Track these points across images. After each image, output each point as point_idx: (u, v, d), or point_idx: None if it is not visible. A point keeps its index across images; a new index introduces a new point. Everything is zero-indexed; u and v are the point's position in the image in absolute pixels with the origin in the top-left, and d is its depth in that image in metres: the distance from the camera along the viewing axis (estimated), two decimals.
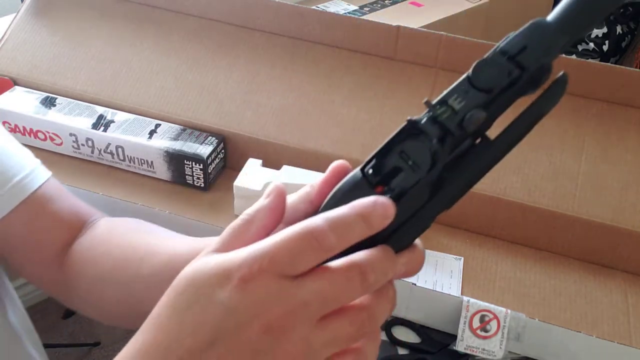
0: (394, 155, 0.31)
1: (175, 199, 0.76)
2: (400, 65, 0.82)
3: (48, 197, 0.54)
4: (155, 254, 0.48)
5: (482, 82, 0.30)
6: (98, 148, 0.79)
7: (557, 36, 0.30)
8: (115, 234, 0.54)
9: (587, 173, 0.74)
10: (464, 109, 0.30)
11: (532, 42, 0.30)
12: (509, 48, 0.30)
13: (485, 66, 0.30)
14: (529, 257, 0.73)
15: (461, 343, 0.64)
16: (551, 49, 0.30)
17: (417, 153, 0.30)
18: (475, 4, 1.20)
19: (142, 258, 0.49)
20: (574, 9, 0.30)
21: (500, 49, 0.30)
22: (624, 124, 0.76)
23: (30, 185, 0.53)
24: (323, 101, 0.81)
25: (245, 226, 0.32)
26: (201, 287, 0.29)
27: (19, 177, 0.52)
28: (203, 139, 0.78)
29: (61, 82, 0.85)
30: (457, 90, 0.30)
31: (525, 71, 0.30)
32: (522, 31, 0.30)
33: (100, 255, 0.52)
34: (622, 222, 0.71)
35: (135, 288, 0.48)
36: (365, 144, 0.77)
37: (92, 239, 0.54)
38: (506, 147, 0.31)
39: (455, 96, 0.30)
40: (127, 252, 0.51)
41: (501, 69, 0.30)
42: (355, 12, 1.17)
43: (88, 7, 0.91)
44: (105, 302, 0.52)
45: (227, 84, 0.83)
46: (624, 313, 0.67)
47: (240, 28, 0.87)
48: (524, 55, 0.30)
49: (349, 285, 0.28)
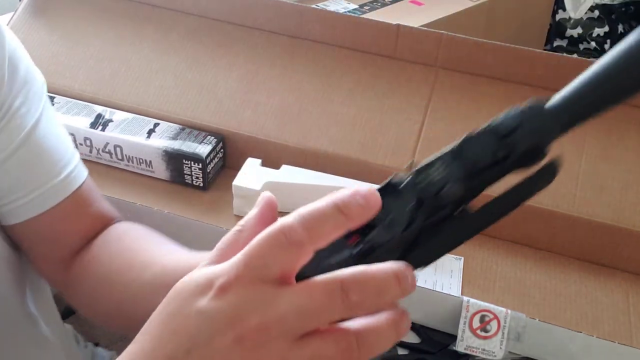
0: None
1: (174, 198, 0.76)
2: (400, 64, 0.82)
3: (84, 198, 0.54)
4: (155, 263, 0.48)
5: (467, 157, 0.29)
6: (96, 147, 0.79)
7: (553, 124, 0.29)
8: (127, 238, 0.54)
9: (588, 172, 0.73)
10: (443, 181, 0.29)
11: (525, 124, 0.29)
12: (501, 127, 0.30)
13: (474, 141, 0.30)
14: (529, 257, 0.73)
15: (461, 343, 0.64)
16: (544, 135, 0.29)
17: (395, 212, 0.30)
18: (476, 3, 1.19)
19: (143, 264, 0.49)
20: (576, 100, 0.29)
21: (493, 126, 0.30)
22: (624, 124, 0.76)
23: (75, 182, 0.53)
24: (323, 100, 0.81)
25: (236, 236, 0.32)
26: (186, 296, 0.29)
27: (62, 176, 0.52)
28: (202, 139, 0.78)
29: (59, 81, 0.85)
30: (442, 159, 0.30)
31: (513, 153, 0.29)
32: (517, 111, 0.30)
33: (109, 255, 0.52)
34: (622, 221, 0.70)
35: (132, 293, 0.49)
36: (365, 143, 0.77)
37: (107, 240, 0.54)
38: (484, 223, 0.31)
39: (438, 165, 0.30)
40: (132, 257, 0.51)
41: (487, 147, 0.29)
42: (355, 11, 1.17)
43: (86, 5, 0.91)
44: (103, 303, 0.52)
45: (226, 83, 0.83)
46: (625, 313, 0.66)
47: (239, 27, 0.87)
48: (514, 137, 0.29)
49: (327, 301, 0.27)
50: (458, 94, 0.79)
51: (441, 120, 0.78)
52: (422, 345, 0.66)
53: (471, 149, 0.29)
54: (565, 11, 1.45)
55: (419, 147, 0.76)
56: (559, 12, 1.50)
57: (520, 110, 0.30)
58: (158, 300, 0.30)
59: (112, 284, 0.51)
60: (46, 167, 0.51)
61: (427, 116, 0.78)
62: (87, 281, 0.53)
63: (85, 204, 0.54)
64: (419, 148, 0.76)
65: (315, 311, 0.27)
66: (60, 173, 0.52)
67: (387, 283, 0.27)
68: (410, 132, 0.77)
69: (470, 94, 0.79)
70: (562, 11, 1.49)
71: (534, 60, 0.78)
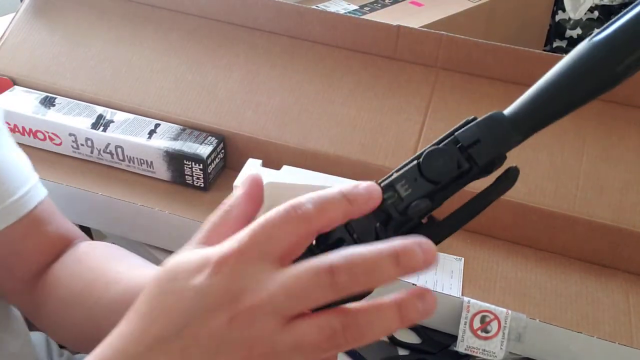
0: (340, 227, 0.30)
1: (175, 199, 0.76)
2: (401, 64, 0.82)
3: (40, 219, 0.54)
4: (119, 281, 0.48)
5: (432, 172, 0.30)
6: (97, 148, 0.79)
7: (511, 134, 0.30)
8: (89, 258, 0.54)
9: (588, 173, 0.73)
10: (410, 198, 0.30)
11: (485, 136, 0.30)
12: (462, 139, 0.30)
13: (437, 155, 0.30)
14: (529, 257, 0.73)
15: (462, 344, 0.64)
16: (504, 146, 0.30)
17: (362, 228, 0.30)
18: (476, 4, 1.19)
19: (107, 283, 0.49)
20: (532, 109, 0.30)
21: (454, 138, 0.30)
22: (624, 124, 0.76)
23: (28, 204, 0.53)
24: (323, 101, 0.81)
25: (224, 217, 0.32)
26: (179, 274, 0.29)
27: (19, 194, 0.52)
28: (203, 139, 0.78)
29: (60, 82, 0.85)
30: (406, 176, 0.30)
31: (476, 165, 0.30)
32: (478, 123, 0.30)
33: (71, 276, 0.52)
34: (623, 222, 0.70)
35: (96, 313, 0.48)
36: (365, 144, 0.77)
37: (67, 261, 0.54)
38: (450, 230, 0.32)
39: (404, 182, 0.30)
40: (96, 277, 0.50)
41: (451, 160, 0.30)
42: (355, 12, 1.17)
43: (87, 6, 0.91)
44: (68, 325, 0.52)
45: (227, 84, 0.83)
46: (625, 313, 0.66)
47: (239, 27, 0.87)
48: (476, 149, 0.30)
49: (315, 283, 0.26)
50: (458, 94, 0.79)
51: (441, 121, 0.78)
52: (422, 345, 0.66)
53: (436, 164, 0.30)
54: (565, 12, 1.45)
55: (419, 148, 0.76)
56: (559, 13, 1.51)
57: (480, 121, 0.30)
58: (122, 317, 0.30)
59: (74, 306, 0.50)
60: (2, 185, 0.51)
61: (427, 117, 0.78)
62: (50, 304, 0.52)
63: (42, 224, 0.54)
64: (419, 148, 0.76)
65: (304, 292, 0.27)
66: (14, 194, 0.52)
67: (378, 262, 0.27)
68: (410, 133, 0.77)
69: (470, 94, 0.79)
70: (561, 12, 1.50)
71: (533, 60, 0.78)
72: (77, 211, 0.76)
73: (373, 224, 0.30)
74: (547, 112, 0.30)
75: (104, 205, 0.75)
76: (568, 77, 0.30)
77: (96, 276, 0.50)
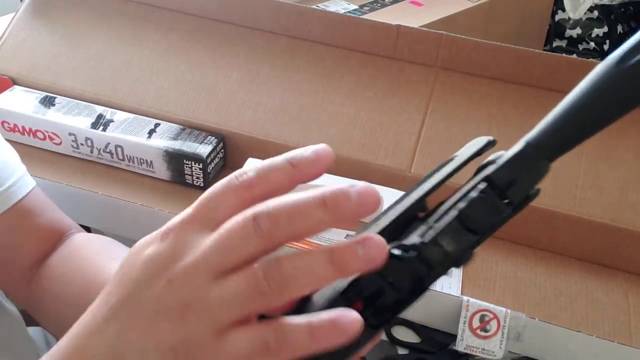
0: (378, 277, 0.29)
1: (175, 198, 0.76)
2: (400, 64, 0.82)
3: (29, 209, 0.54)
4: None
5: (475, 224, 0.29)
6: (97, 147, 0.79)
7: (545, 165, 0.30)
8: (82, 255, 0.53)
9: (588, 173, 0.74)
10: (457, 252, 0.29)
11: (521, 175, 0.29)
12: (498, 182, 0.29)
13: (477, 206, 0.29)
14: (529, 257, 0.73)
15: (461, 343, 0.64)
16: (539, 179, 0.30)
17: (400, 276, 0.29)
18: (476, 3, 1.19)
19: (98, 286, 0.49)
20: (561, 136, 0.29)
21: (490, 182, 0.29)
22: (624, 124, 0.76)
23: (13, 196, 0.52)
24: (323, 101, 0.81)
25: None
26: (138, 247, 0.30)
27: (4, 187, 0.52)
28: (202, 139, 0.78)
29: (60, 82, 0.85)
30: (448, 230, 0.29)
31: (516, 208, 0.30)
32: (510, 161, 0.29)
33: (65, 275, 0.52)
34: (622, 222, 0.70)
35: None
36: (365, 144, 0.77)
37: (61, 257, 0.53)
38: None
39: (447, 238, 0.29)
40: (89, 278, 0.50)
41: (492, 209, 0.29)
42: (355, 12, 1.17)
43: (87, 6, 0.91)
44: (65, 323, 0.52)
45: (226, 84, 0.83)
46: (625, 313, 0.66)
47: (239, 27, 0.87)
48: (513, 190, 0.29)
49: (241, 233, 0.26)
50: (458, 94, 0.79)
51: (441, 121, 0.78)
52: (422, 344, 0.66)
53: (477, 215, 0.29)
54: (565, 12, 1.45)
55: (419, 147, 0.76)
56: (559, 13, 1.51)
57: (515, 159, 0.30)
58: None
59: (70, 305, 0.50)
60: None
61: (427, 116, 0.78)
62: (46, 302, 0.52)
63: (31, 215, 0.54)
64: (419, 148, 0.76)
65: (232, 244, 0.27)
66: (1, 185, 0.52)
67: (302, 206, 0.27)
68: (410, 132, 0.77)
69: (470, 94, 0.79)
70: (561, 12, 1.50)
71: (533, 60, 0.78)
72: (77, 211, 0.76)
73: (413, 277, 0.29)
74: (576, 136, 0.29)
75: (104, 204, 0.75)
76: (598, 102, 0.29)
77: (88, 279, 0.50)
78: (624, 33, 1.52)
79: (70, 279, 0.52)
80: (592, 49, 1.52)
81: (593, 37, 1.51)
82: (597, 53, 1.51)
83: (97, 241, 0.56)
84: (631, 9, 1.52)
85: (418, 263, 0.29)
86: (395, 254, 0.29)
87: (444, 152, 0.75)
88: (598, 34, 1.50)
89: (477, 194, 0.29)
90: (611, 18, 1.50)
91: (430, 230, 0.29)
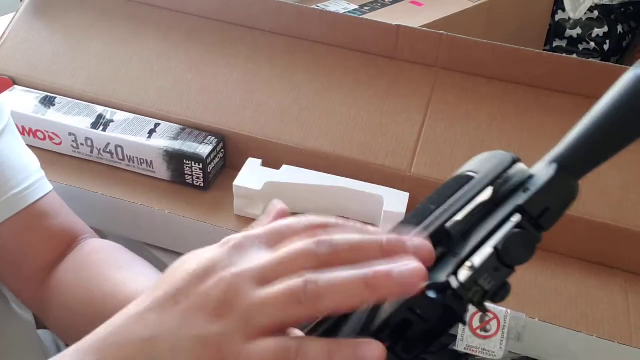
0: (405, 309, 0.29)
1: (175, 198, 0.76)
2: (401, 64, 0.82)
3: (43, 212, 0.54)
4: (116, 295, 0.49)
5: (514, 259, 0.28)
6: (97, 148, 0.79)
7: (576, 186, 0.29)
8: (90, 264, 0.54)
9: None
10: (493, 288, 0.29)
11: (554, 202, 0.29)
12: (532, 211, 0.29)
13: (516, 241, 0.28)
14: None
15: (461, 343, 0.64)
16: (572, 202, 0.29)
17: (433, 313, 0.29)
18: (476, 3, 1.19)
19: (105, 296, 0.49)
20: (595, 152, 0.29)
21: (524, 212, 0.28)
22: None
23: (27, 199, 0.53)
24: (323, 100, 0.81)
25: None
26: (197, 251, 0.32)
27: (18, 189, 0.52)
28: (203, 139, 0.78)
29: (60, 82, 0.85)
30: (486, 269, 0.28)
31: (543, 230, 0.29)
32: (545, 189, 0.29)
33: (72, 284, 0.52)
34: (623, 221, 0.70)
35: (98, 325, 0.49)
36: (365, 144, 0.77)
37: (70, 265, 0.54)
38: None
39: (486, 276, 0.28)
40: (94, 288, 0.51)
41: (530, 242, 0.29)
42: (355, 12, 1.17)
43: (87, 6, 0.91)
44: (73, 331, 0.52)
45: (226, 84, 0.83)
46: (625, 313, 0.66)
47: (239, 27, 0.87)
48: (546, 217, 0.29)
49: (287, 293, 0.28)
50: (458, 94, 0.79)
51: (441, 121, 0.78)
52: None
53: (516, 250, 0.28)
54: (565, 12, 1.45)
55: (419, 148, 0.76)
56: (559, 13, 1.50)
57: (548, 186, 0.29)
58: None
59: (77, 315, 0.51)
60: (4, 178, 0.52)
61: (427, 116, 0.78)
62: (55, 310, 0.53)
63: (45, 218, 0.54)
64: (419, 148, 0.76)
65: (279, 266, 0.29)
66: (17, 187, 0.52)
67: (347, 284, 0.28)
68: (410, 132, 0.77)
69: (470, 94, 0.79)
70: (561, 11, 1.50)
71: (533, 60, 0.78)
72: (77, 211, 0.75)
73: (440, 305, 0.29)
74: (609, 152, 0.29)
75: (104, 204, 0.75)
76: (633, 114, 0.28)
77: (95, 287, 0.51)
78: (624, 33, 1.51)
79: (76, 287, 0.52)
80: (592, 49, 1.52)
81: (593, 37, 1.51)
82: (597, 53, 1.51)
83: (108, 250, 0.56)
84: (631, 8, 1.52)
85: (455, 302, 0.28)
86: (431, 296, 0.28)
87: (444, 152, 0.75)
88: (598, 34, 1.50)
89: (513, 229, 0.28)
90: (611, 18, 1.50)
91: (463, 269, 0.28)
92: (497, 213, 0.30)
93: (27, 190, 0.53)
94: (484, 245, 0.29)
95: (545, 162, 0.30)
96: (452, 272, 0.29)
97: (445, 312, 0.29)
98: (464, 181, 0.31)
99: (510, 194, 0.30)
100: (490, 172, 0.31)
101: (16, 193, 0.52)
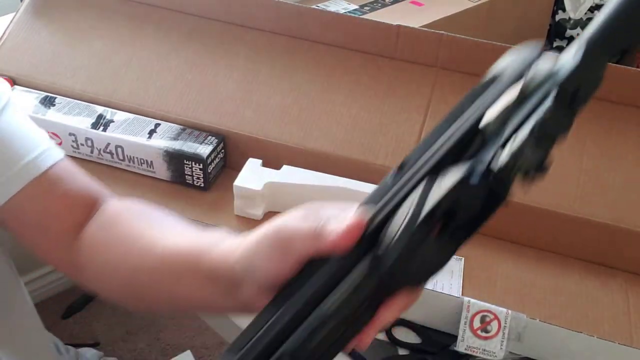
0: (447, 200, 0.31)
1: (175, 198, 0.76)
2: (401, 64, 0.82)
3: (59, 177, 0.54)
4: (152, 248, 0.49)
5: (551, 134, 0.29)
6: (97, 148, 0.79)
7: (605, 65, 0.29)
8: (121, 222, 0.54)
9: (588, 173, 0.73)
10: (534, 163, 0.30)
11: (587, 80, 0.29)
12: (568, 87, 0.29)
13: (552, 117, 0.29)
14: (529, 257, 0.73)
15: (462, 343, 0.64)
16: (601, 81, 0.29)
17: (475, 197, 0.31)
18: (476, 4, 1.19)
19: (141, 250, 0.49)
20: (620, 30, 0.28)
21: (563, 91, 0.29)
22: (624, 124, 0.76)
23: (41, 165, 0.53)
24: (323, 100, 0.81)
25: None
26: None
27: (30, 157, 0.53)
28: (203, 139, 0.78)
29: (60, 82, 0.85)
30: (525, 146, 0.29)
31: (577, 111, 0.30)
32: (578, 65, 0.28)
33: (105, 243, 0.53)
34: (623, 221, 0.70)
35: (138, 279, 0.50)
36: (366, 144, 0.77)
37: (101, 224, 0.55)
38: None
39: (526, 152, 0.30)
40: (129, 244, 0.51)
41: (565, 115, 0.29)
42: (355, 12, 1.17)
43: (87, 6, 0.91)
44: (113, 287, 0.53)
45: (226, 84, 0.83)
46: (625, 313, 0.66)
47: (239, 27, 0.87)
48: (580, 96, 0.29)
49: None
50: (458, 94, 0.79)
51: None
52: (422, 345, 0.66)
53: (552, 122, 0.29)
54: (565, 11, 1.45)
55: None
56: (559, 13, 1.51)
57: (580, 65, 0.28)
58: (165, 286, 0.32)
59: (113, 274, 0.52)
60: (14, 149, 0.52)
61: (427, 116, 0.78)
62: (89, 271, 0.53)
63: (61, 181, 0.55)
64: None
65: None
66: (28, 154, 0.53)
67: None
68: (410, 132, 0.77)
69: None
70: (561, 12, 1.50)
71: None
72: None
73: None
74: (637, 28, 0.28)
75: None
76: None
77: (128, 245, 0.51)
78: None
79: (110, 245, 0.52)
80: None
81: None
82: None
83: (135, 207, 0.57)
84: None
85: (497, 185, 0.30)
86: (474, 182, 0.30)
87: None
88: None
89: (550, 106, 0.29)
90: None
91: (502, 152, 0.29)
92: (528, 102, 0.30)
93: (40, 157, 0.54)
94: (521, 128, 0.29)
95: (574, 47, 0.29)
96: (491, 159, 0.30)
97: (489, 196, 0.30)
98: (489, 83, 0.32)
99: (541, 84, 0.30)
100: (515, 69, 0.31)
101: (29, 161, 0.53)
